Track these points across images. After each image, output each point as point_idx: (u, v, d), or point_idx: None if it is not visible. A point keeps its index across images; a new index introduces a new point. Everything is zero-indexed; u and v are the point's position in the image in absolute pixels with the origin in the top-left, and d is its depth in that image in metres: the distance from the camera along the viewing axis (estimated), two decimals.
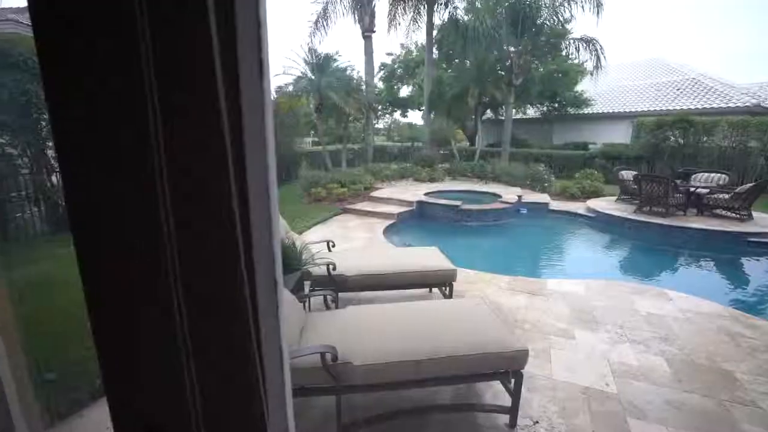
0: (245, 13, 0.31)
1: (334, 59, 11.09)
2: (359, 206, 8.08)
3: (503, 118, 14.80)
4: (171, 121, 0.29)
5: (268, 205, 0.34)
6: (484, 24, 11.70)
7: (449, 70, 16.69)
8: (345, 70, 11.37)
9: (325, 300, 3.01)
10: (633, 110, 15.57)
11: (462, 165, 12.37)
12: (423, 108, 15.60)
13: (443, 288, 3.44)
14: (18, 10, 6.07)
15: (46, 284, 3.94)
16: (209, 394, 0.46)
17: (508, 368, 2.06)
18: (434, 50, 15.12)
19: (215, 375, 0.41)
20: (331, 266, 2.93)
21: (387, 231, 6.69)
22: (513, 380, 2.06)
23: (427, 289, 3.81)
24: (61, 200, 5.66)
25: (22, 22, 5.88)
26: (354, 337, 2.09)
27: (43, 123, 5.54)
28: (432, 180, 11.18)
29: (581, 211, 8.14)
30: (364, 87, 12.46)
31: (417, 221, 7.99)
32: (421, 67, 18.34)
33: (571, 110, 16.89)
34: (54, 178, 5.85)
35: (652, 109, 15.09)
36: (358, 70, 13.10)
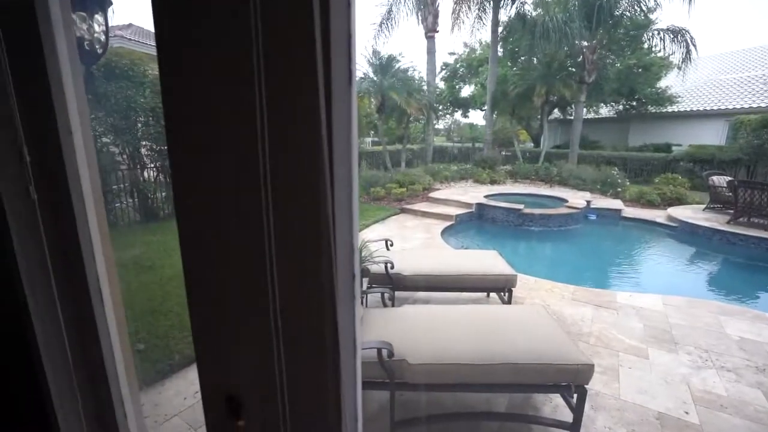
0: (339, 27, 0.34)
1: (397, 60, 11.22)
2: (417, 207, 8.09)
3: (572, 117, 13.91)
4: (276, 127, 0.33)
5: (350, 203, 0.38)
6: (554, 19, 11.07)
7: (514, 68, 16.05)
8: (407, 70, 11.44)
9: (383, 297, 3.08)
10: (730, 107, 13.72)
11: (525, 167, 11.84)
12: (485, 108, 15.18)
13: (502, 293, 3.34)
14: (123, 27, 6.93)
15: (136, 266, 4.48)
16: (291, 374, 0.50)
17: (571, 382, 1.95)
18: (499, 48, 14.64)
19: (298, 358, 0.46)
20: (389, 265, 2.98)
21: (445, 232, 6.62)
22: (575, 395, 1.95)
23: (485, 294, 3.72)
24: (151, 193, 6.39)
25: (125, 37, 6.71)
26: (410, 335, 2.11)
27: (139, 125, 6.28)
28: (493, 182, 10.85)
29: (660, 220, 7.39)
30: (425, 87, 12.44)
31: (476, 224, 7.81)
32: (484, 66, 17.84)
33: (652, 108, 15.34)
34: (146, 174, 6.59)
35: (754, 105, 13.17)
36: (420, 71, 13.12)
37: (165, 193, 6.33)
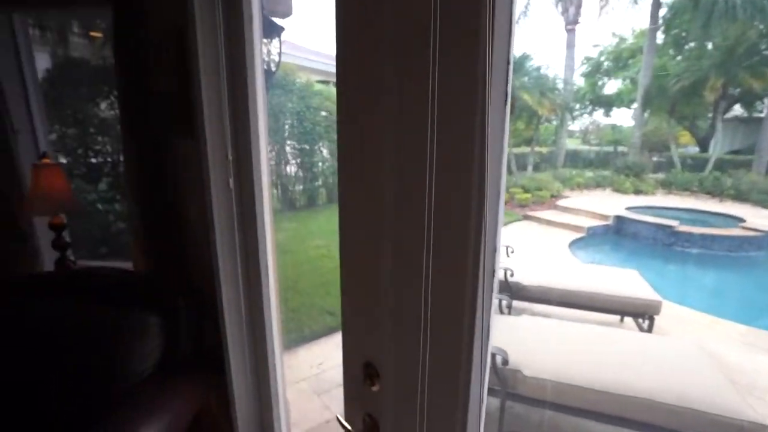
0: (500, 53, 0.40)
1: (530, 58, 10.57)
2: (543, 214, 7.53)
3: (763, 115, 11.02)
4: (442, 136, 0.41)
5: (497, 207, 0.42)
6: None
7: (678, 57, 13.47)
8: (540, 68, 10.69)
9: (500, 304, 3.00)
10: None
11: (684, 176, 9.88)
12: (634, 106, 13.14)
13: (640, 320, 2.91)
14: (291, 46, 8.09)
15: (277, 249, 5.23)
16: (432, 352, 0.57)
17: None
18: (659, 35, 12.49)
19: (439, 339, 0.52)
20: (508, 272, 2.89)
21: (573, 245, 6.02)
22: None
23: (619, 318, 3.28)
24: (291, 186, 7.33)
25: (284, 52, 7.87)
26: (527, 347, 2.03)
27: (286, 126, 7.24)
28: (638, 192, 9.37)
29: None
30: (560, 85, 11.43)
31: (612, 239, 6.87)
32: (636, 57, 15.42)
33: None
34: (287, 168, 7.51)
35: None
36: (555, 67, 12.09)
37: (302, 187, 7.19)
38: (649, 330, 2.83)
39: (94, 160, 3.13)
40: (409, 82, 0.48)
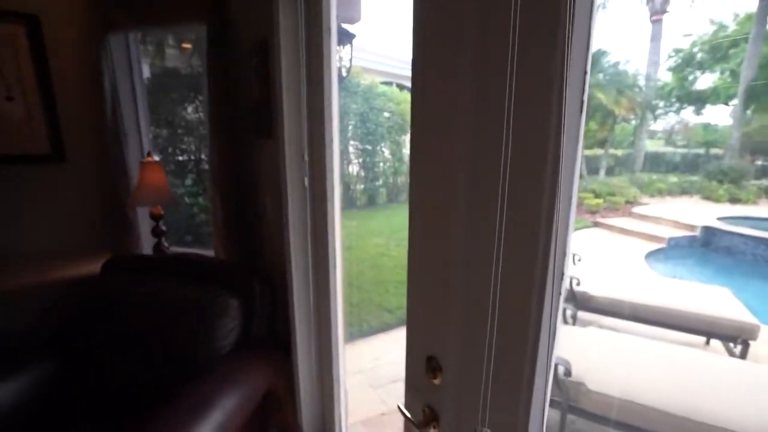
0: (577, 64, 0.41)
1: (606, 53, 9.81)
2: (615, 222, 6.96)
3: None
4: (517, 135, 0.43)
5: (569, 211, 0.44)
6: None
7: None
8: (617, 64, 9.86)
9: (564, 314, 2.86)
10: None
11: None
12: (734, 102, 11.60)
13: (731, 344, 2.59)
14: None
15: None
16: (496, 351, 0.59)
17: None
18: None
19: (504, 338, 0.54)
20: (574, 280, 2.74)
21: (651, 257, 5.49)
22: None
23: (704, 340, 2.95)
24: (353, 185, 7.55)
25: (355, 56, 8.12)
26: (592, 360, 1.92)
27: (350, 127, 7.44)
28: (734, 200, 8.26)
29: None
30: (642, 82, 10.45)
31: (698, 252, 6.15)
32: (741, 46, 13.59)
33: None
34: (350, 168, 7.68)
35: None
36: (635, 62, 11.05)
37: (363, 186, 7.37)
38: (742, 356, 2.51)
39: (180, 158, 3.51)
40: (486, 84, 0.50)
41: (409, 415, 0.80)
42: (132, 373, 1.48)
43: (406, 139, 7.28)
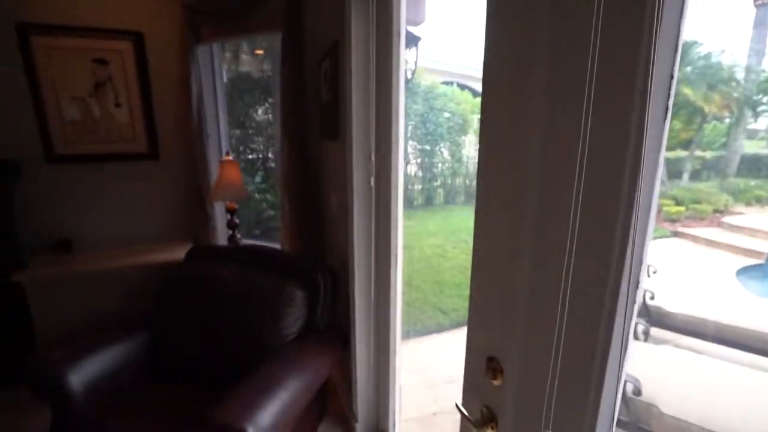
0: (666, 47, 0.40)
1: (697, 44, 8.82)
2: (700, 232, 6.22)
3: None
4: (595, 139, 0.43)
5: (648, 214, 0.43)
6: None
7: None
8: (710, 55, 8.82)
9: (635, 329, 2.65)
10: None
11: None
12: None
13: None
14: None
15: None
16: (563, 357, 0.58)
17: None
18: None
19: (572, 348, 0.53)
20: (648, 294, 2.52)
21: (744, 273, 4.83)
22: None
23: None
24: (410, 185, 7.55)
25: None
26: (667, 381, 1.76)
27: (410, 127, 7.40)
28: None
29: None
30: (740, 75, 9.24)
31: None
32: None
33: None
34: (408, 168, 7.72)
35: None
36: (733, 53, 9.78)
37: (420, 186, 7.35)
38: None
39: (250, 156, 3.78)
40: (562, 86, 0.49)
41: (466, 413, 0.81)
42: (209, 349, 1.64)
43: (466, 139, 7.14)
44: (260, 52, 3.54)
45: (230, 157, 2.46)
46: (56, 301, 2.17)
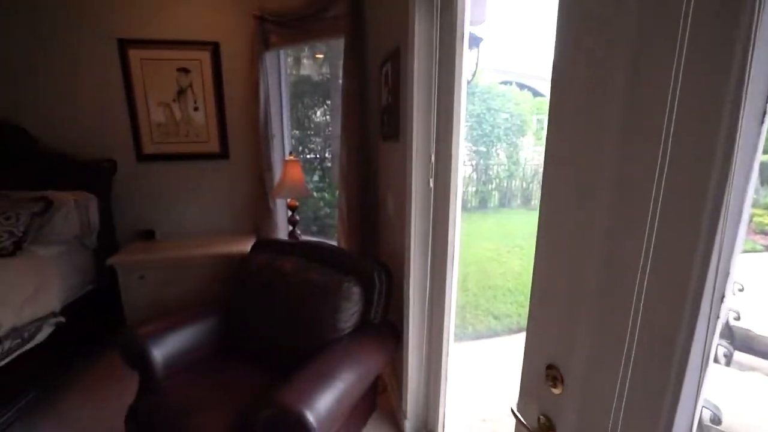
0: (765, 55, 0.38)
1: None
2: None
3: None
4: (677, 144, 0.42)
5: (738, 223, 0.40)
6: None
7: None
8: None
9: (716, 351, 2.40)
10: None
11: None
12: None
13: None
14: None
15: None
16: (632, 375, 0.56)
17: None
18: None
19: (642, 363, 0.51)
20: (732, 314, 2.27)
21: None
22: None
23: None
24: (464, 187, 7.37)
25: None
26: (753, 413, 1.58)
27: (466, 128, 7.27)
28: None
29: None
30: None
31: None
32: None
33: None
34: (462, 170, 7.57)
35: None
36: None
37: (474, 189, 7.19)
38: None
39: (309, 156, 3.94)
40: (640, 86, 0.47)
41: (522, 419, 0.80)
42: (272, 334, 1.76)
43: (525, 141, 6.86)
44: (320, 56, 3.70)
45: (293, 157, 2.59)
46: (141, 283, 2.45)
